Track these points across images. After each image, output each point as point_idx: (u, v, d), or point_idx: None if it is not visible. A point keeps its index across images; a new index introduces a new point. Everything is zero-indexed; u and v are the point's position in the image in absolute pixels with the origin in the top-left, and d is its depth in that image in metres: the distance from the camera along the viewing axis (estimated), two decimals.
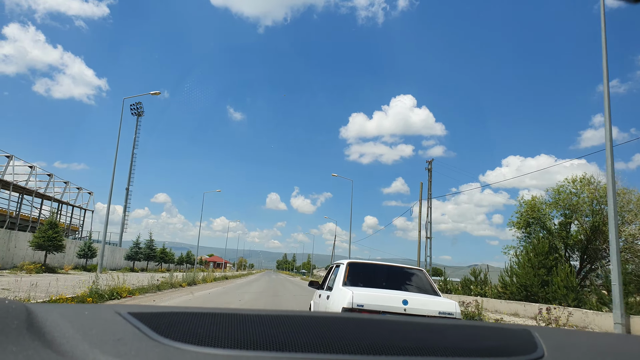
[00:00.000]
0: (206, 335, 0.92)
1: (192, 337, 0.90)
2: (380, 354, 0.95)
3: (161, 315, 0.99)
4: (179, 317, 0.99)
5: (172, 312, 1.02)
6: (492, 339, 1.17)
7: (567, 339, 1.21)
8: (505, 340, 1.16)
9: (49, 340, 0.81)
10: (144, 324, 0.92)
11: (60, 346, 0.80)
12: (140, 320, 0.93)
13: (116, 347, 0.82)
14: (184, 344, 0.87)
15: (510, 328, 1.27)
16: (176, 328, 0.93)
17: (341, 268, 6.61)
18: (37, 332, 0.82)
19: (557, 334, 1.25)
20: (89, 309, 1.01)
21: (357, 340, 0.98)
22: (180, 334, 0.90)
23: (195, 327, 0.95)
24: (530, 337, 1.15)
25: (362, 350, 0.95)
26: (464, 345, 1.09)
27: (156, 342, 0.86)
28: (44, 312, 0.90)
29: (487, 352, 1.06)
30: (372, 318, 1.16)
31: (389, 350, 0.96)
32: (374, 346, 0.97)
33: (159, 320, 0.95)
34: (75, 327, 0.87)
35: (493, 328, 1.27)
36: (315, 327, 1.04)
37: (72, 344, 0.81)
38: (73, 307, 1.00)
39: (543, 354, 1.05)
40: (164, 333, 0.89)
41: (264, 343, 0.92)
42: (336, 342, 0.96)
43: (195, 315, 1.02)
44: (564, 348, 1.12)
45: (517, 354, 1.04)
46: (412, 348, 0.99)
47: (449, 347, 1.04)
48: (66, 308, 0.98)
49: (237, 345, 0.90)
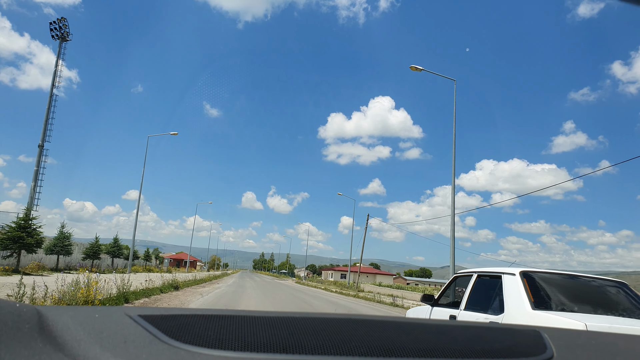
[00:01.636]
0: (216, 337, 0.92)
1: (202, 339, 0.90)
2: (389, 356, 0.95)
3: (171, 318, 0.99)
4: (189, 319, 1.00)
5: (182, 314, 1.02)
6: (501, 340, 1.17)
7: (576, 340, 1.22)
8: (514, 341, 1.16)
9: (61, 343, 0.81)
10: (154, 326, 0.92)
11: (72, 349, 0.80)
12: (151, 323, 0.94)
13: (127, 349, 0.82)
14: (194, 346, 0.87)
15: (519, 329, 1.27)
16: (186, 330, 0.93)
17: (508, 282, 4.57)
18: (49, 336, 0.81)
19: (566, 334, 1.25)
20: (100, 311, 1.00)
21: (366, 342, 0.98)
22: (190, 337, 0.90)
23: (205, 330, 0.95)
24: (539, 337, 1.15)
25: (371, 352, 0.95)
26: (473, 346, 1.09)
27: (166, 344, 0.86)
28: (55, 315, 0.90)
29: (496, 353, 1.06)
30: (380, 319, 1.16)
31: (398, 352, 0.97)
32: (383, 347, 0.97)
33: (169, 322, 0.96)
34: (86, 330, 0.87)
35: (502, 329, 1.27)
36: (325, 328, 1.04)
37: (84, 347, 0.81)
38: (84, 310, 0.99)
39: (552, 354, 1.05)
40: (174, 335, 0.90)
41: (273, 345, 0.92)
42: (346, 343, 0.96)
43: (204, 318, 1.02)
44: (573, 349, 1.13)
45: (527, 355, 1.04)
46: (421, 349, 0.99)
47: (458, 348, 1.04)
48: (77, 310, 0.98)
49: (247, 347, 0.90)
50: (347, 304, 24.23)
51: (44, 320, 0.85)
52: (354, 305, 23.22)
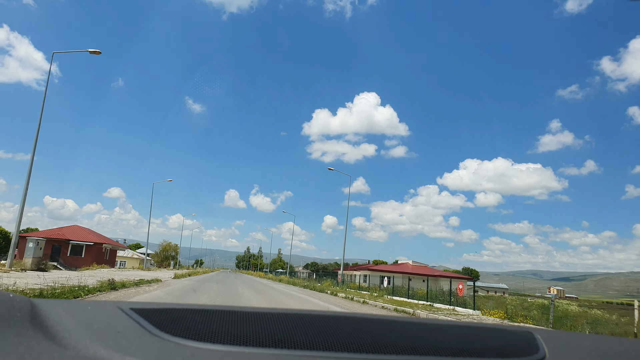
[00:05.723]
0: (206, 331, 0.94)
1: (193, 333, 0.93)
2: (379, 353, 0.97)
3: (162, 311, 1.01)
4: (180, 313, 1.02)
5: (173, 308, 1.05)
6: (493, 339, 1.19)
7: (569, 341, 1.24)
8: (507, 341, 1.18)
9: (52, 333, 0.83)
10: (145, 319, 0.94)
11: (63, 339, 0.82)
12: (142, 316, 0.96)
13: (117, 341, 0.84)
14: (184, 339, 0.90)
15: (511, 329, 1.29)
16: (177, 324, 0.95)
17: None
18: (40, 325, 0.84)
19: (559, 335, 1.27)
20: (92, 304, 1.02)
21: (356, 339, 1.00)
22: (181, 330, 0.93)
23: (196, 324, 0.97)
24: (531, 338, 1.17)
25: (361, 349, 0.96)
26: (464, 345, 1.11)
27: (157, 337, 0.89)
28: (47, 306, 0.92)
29: (488, 352, 1.07)
30: (371, 317, 1.17)
31: (388, 349, 0.98)
32: (373, 344, 0.99)
33: (160, 316, 0.98)
34: (77, 321, 0.89)
35: (494, 329, 1.29)
36: (314, 324, 1.05)
37: (75, 337, 0.83)
38: (77, 303, 1.01)
39: (544, 355, 1.07)
40: (165, 328, 0.92)
41: (263, 340, 0.94)
42: (335, 339, 0.98)
43: (195, 312, 1.04)
44: (566, 350, 1.15)
45: (519, 355, 1.06)
46: (411, 347, 1.01)
47: (449, 347, 1.06)
48: (70, 303, 1.00)
49: (237, 341, 0.92)
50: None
51: (36, 311, 0.87)
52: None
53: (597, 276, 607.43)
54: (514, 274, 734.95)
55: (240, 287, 23.96)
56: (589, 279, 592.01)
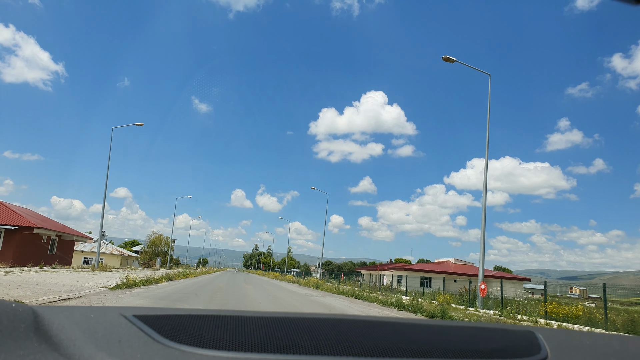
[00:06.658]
0: (210, 337, 0.93)
1: (197, 339, 0.92)
2: (383, 356, 0.96)
3: (166, 318, 1.00)
4: (184, 319, 1.01)
5: (176, 314, 1.04)
6: (495, 340, 1.19)
7: (571, 340, 1.23)
8: (509, 342, 1.18)
9: (56, 343, 0.82)
10: (149, 326, 0.94)
11: (67, 349, 0.81)
12: (145, 323, 0.95)
13: (122, 349, 0.83)
14: (188, 346, 0.89)
15: (513, 329, 1.29)
16: (180, 331, 0.94)
17: None
18: (44, 335, 0.83)
19: (561, 334, 1.27)
20: (95, 311, 1.01)
21: (361, 342, 0.99)
22: (185, 337, 0.92)
23: (200, 330, 0.96)
24: (533, 338, 1.17)
25: (365, 352, 0.96)
26: (467, 346, 1.11)
27: (161, 344, 0.88)
28: (50, 315, 0.91)
29: (490, 353, 1.07)
30: (375, 320, 1.17)
31: (392, 352, 0.98)
32: (377, 348, 0.98)
33: (163, 322, 0.97)
34: (81, 330, 0.88)
35: (496, 329, 1.29)
36: (319, 329, 1.05)
37: (79, 346, 0.82)
38: (79, 310, 1.00)
39: (547, 355, 1.07)
40: (169, 336, 0.91)
41: (268, 345, 0.93)
42: (340, 343, 0.98)
43: (199, 318, 1.03)
44: (568, 349, 1.15)
45: (521, 355, 1.06)
46: (415, 350, 1.01)
47: (452, 348, 1.06)
48: (72, 310, 0.99)
49: (242, 347, 0.91)
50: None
51: (39, 320, 0.87)
52: None
53: (605, 275, 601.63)
54: (521, 273, 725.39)
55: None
56: (597, 278, 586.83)
